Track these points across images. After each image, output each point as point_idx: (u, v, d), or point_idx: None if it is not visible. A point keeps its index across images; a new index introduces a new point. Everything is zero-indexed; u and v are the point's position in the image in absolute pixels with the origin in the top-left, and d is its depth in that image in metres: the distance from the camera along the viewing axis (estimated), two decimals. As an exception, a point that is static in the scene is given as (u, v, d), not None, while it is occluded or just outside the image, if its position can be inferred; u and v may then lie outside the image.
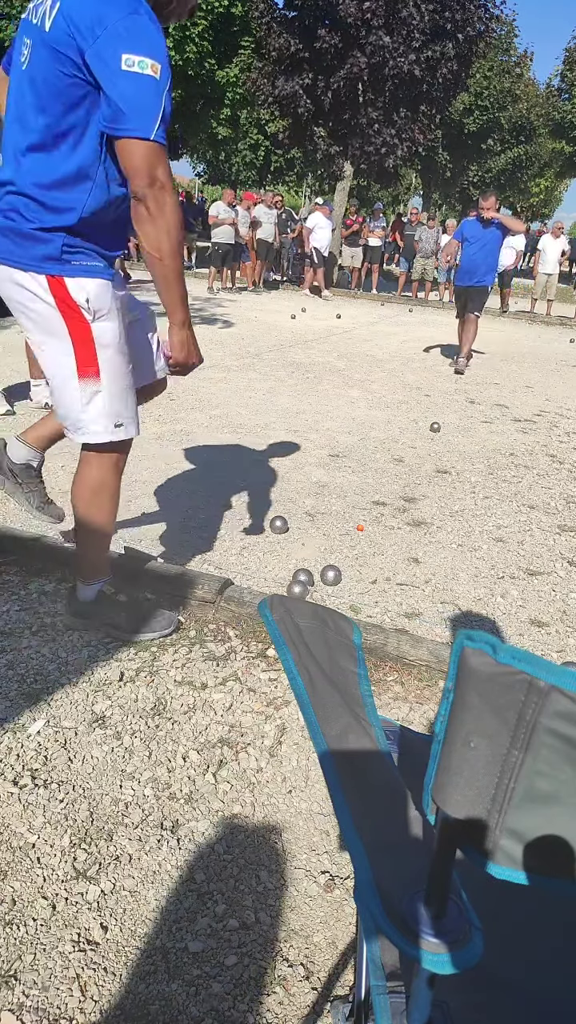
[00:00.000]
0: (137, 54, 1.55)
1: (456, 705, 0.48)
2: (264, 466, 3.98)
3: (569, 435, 5.28)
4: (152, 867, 1.42)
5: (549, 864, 0.51)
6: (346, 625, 0.72)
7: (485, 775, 0.49)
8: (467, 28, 13.36)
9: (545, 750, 0.47)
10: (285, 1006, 1.19)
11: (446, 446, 4.69)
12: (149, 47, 1.57)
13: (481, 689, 0.47)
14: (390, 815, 0.63)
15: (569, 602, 2.74)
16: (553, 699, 0.45)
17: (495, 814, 0.50)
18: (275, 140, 17.06)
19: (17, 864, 1.40)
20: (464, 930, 0.55)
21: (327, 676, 0.67)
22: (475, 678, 0.47)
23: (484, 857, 0.52)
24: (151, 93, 1.58)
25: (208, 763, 1.70)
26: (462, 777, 0.50)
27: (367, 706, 0.71)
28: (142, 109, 1.58)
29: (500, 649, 0.45)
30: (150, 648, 2.13)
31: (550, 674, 0.45)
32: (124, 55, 1.54)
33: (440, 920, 0.55)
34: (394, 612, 2.55)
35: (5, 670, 1.97)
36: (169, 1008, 1.16)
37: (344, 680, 0.70)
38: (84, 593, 2.14)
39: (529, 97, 26.98)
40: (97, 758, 1.69)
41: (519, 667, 0.45)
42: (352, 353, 7.85)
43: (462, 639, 0.47)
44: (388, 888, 0.57)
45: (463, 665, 0.47)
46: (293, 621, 0.68)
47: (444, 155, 25.95)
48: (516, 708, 0.46)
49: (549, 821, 0.50)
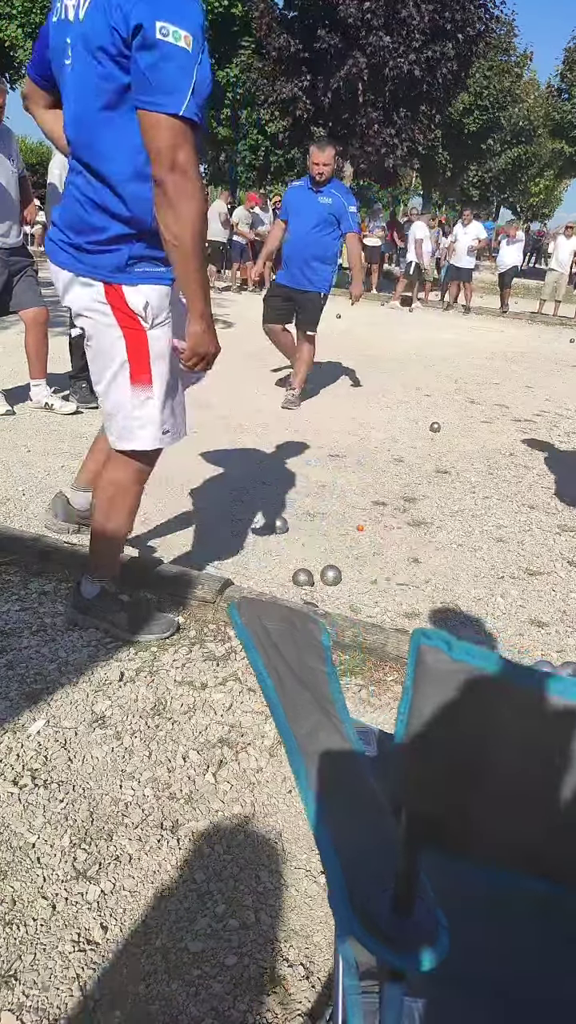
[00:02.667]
0: (171, 23, 1.46)
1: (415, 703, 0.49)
2: (264, 466, 3.98)
3: (569, 435, 5.28)
4: (152, 867, 1.42)
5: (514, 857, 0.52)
6: (315, 627, 0.73)
7: (446, 771, 0.50)
8: (467, 28, 13.37)
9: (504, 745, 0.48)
10: (285, 1006, 1.19)
11: (446, 446, 4.69)
12: (183, 16, 1.48)
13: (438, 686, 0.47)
14: (360, 813, 0.64)
15: (569, 602, 2.74)
16: (509, 693, 0.46)
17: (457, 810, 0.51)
18: (275, 140, 17.06)
19: (17, 864, 1.40)
20: (431, 928, 0.55)
21: (296, 676, 0.68)
22: (432, 675, 0.47)
23: (450, 853, 0.53)
24: (183, 66, 1.49)
25: (208, 763, 1.70)
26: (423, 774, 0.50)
27: (337, 703, 0.71)
28: (172, 82, 1.49)
29: (455, 646, 0.46)
30: (150, 648, 2.13)
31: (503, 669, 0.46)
32: (159, 22, 1.45)
33: (407, 919, 0.55)
34: (394, 612, 2.55)
35: (5, 670, 1.97)
36: (169, 1008, 1.16)
37: (314, 680, 0.70)
38: (88, 588, 2.15)
39: (529, 96, 26.99)
40: (97, 758, 1.69)
41: (473, 663, 0.46)
42: (352, 353, 7.85)
43: (418, 637, 0.47)
44: (357, 886, 0.58)
45: (420, 663, 0.47)
46: (262, 624, 0.68)
47: (444, 155, 25.95)
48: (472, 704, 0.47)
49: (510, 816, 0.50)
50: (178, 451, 4.14)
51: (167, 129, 1.52)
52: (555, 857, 0.51)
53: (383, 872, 0.57)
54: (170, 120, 1.52)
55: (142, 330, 1.84)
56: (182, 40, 1.48)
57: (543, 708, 0.46)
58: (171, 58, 1.48)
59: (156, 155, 1.55)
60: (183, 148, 1.54)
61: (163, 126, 1.52)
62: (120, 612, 2.16)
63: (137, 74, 1.51)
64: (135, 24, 1.47)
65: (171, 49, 1.48)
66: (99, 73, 1.58)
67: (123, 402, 1.90)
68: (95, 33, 1.54)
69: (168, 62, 1.49)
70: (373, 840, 0.62)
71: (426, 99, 14.23)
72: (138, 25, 1.46)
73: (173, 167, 1.54)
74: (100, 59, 1.56)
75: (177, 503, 3.32)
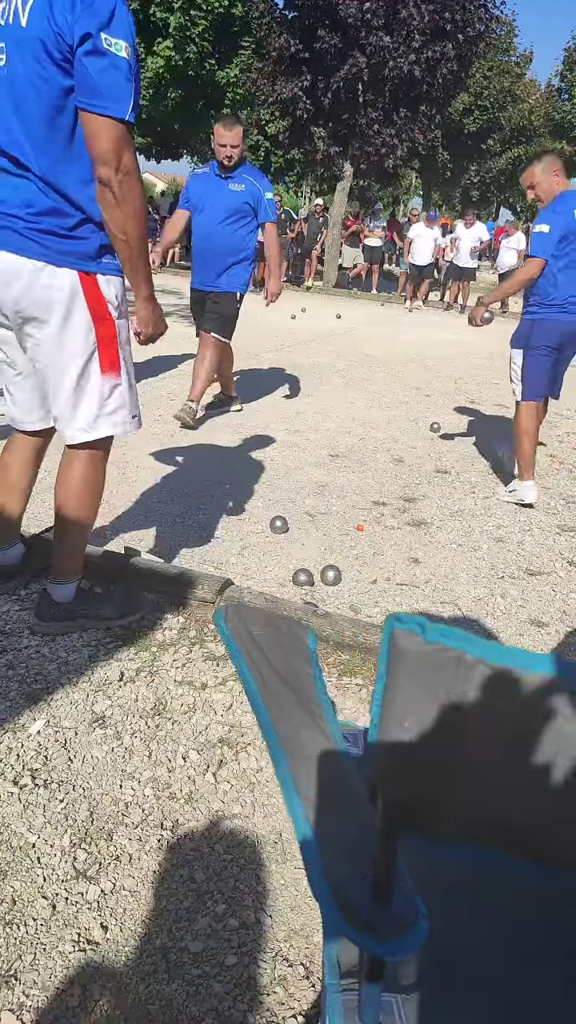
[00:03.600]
0: (115, 36, 1.60)
1: (389, 687, 0.48)
2: (264, 466, 3.98)
3: (569, 435, 5.28)
4: (152, 867, 1.42)
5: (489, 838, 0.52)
6: (301, 631, 0.73)
7: (422, 754, 0.50)
8: (467, 28, 13.36)
9: (477, 724, 0.48)
10: (285, 1006, 1.19)
11: (446, 446, 4.69)
12: (125, 29, 1.62)
13: (412, 669, 0.47)
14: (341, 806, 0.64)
15: (569, 602, 2.74)
16: (481, 672, 0.46)
17: (433, 792, 0.51)
18: (275, 141, 17.06)
19: (17, 864, 1.40)
20: (409, 916, 0.56)
21: (282, 679, 0.68)
22: (406, 658, 0.47)
23: (427, 837, 0.53)
24: (126, 75, 1.62)
25: (208, 763, 1.70)
26: (399, 759, 0.50)
27: (323, 705, 0.71)
28: (118, 89, 1.62)
29: (429, 628, 0.46)
30: (150, 648, 2.13)
31: (476, 648, 0.46)
32: (103, 34, 1.58)
33: (386, 906, 0.56)
34: (394, 612, 2.55)
35: (5, 670, 1.97)
36: (169, 1008, 1.16)
37: (299, 682, 0.70)
38: (62, 593, 2.13)
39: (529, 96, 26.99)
40: (97, 758, 1.69)
41: (448, 644, 0.46)
42: (352, 353, 7.85)
43: (392, 621, 0.47)
44: (338, 878, 0.58)
45: (394, 647, 0.47)
46: (247, 629, 0.69)
47: (444, 155, 25.94)
48: (446, 685, 0.47)
49: (486, 794, 0.50)
50: (178, 451, 4.15)
51: (113, 132, 1.64)
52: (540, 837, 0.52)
53: (363, 861, 0.57)
54: (115, 124, 1.63)
55: (112, 320, 1.89)
56: (123, 50, 1.61)
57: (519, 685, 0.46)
58: (118, 67, 1.61)
59: (102, 157, 1.65)
60: (128, 150, 1.68)
61: (111, 128, 1.64)
62: (102, 604, 2.19)
63: (85, 78, 1.61)
64: (82, 33, 1.57)
65: (116, 58, 1.60)
66: (41, 76, 1.64)
67: (91, 393, 1.92)
68: (39, 37, 1.60)
69: (116, 70, 1.61)
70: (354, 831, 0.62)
71: (426, 99, 14.22)
72: (86, 34, 1.57)
73: (118, 168, 1.66)
74: (42, 62, 1.62)
75: (177, 503, 3.32)
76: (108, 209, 1.71)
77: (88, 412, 1.94)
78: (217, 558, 2.83)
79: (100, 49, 1.58)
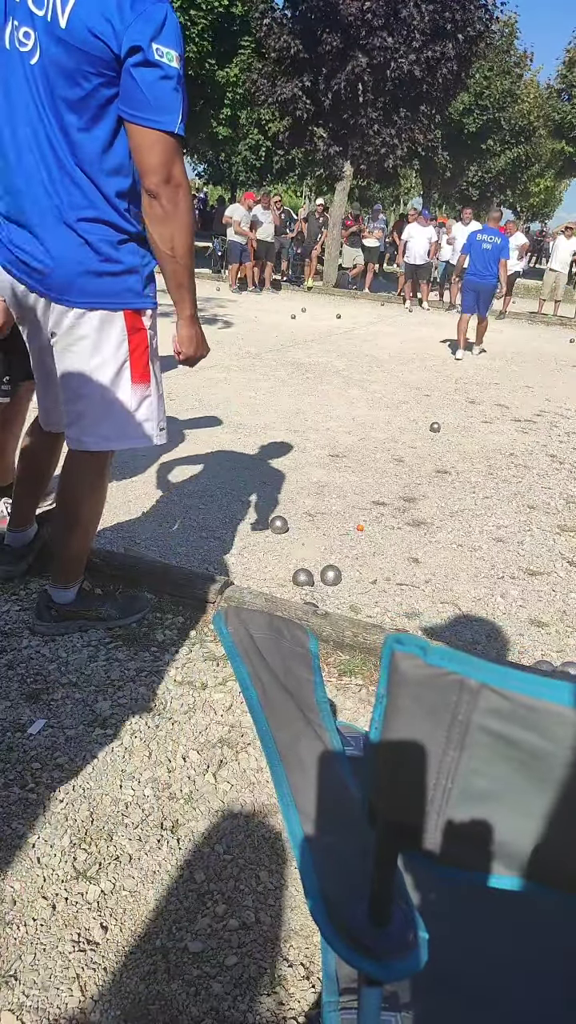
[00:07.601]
0: (166, 45, 1.54)
1: (390, 710, 0.47)
2: (264, 466, 3.98)
3: (569, 435, 5.28)
4: (152, 867, 1.42)
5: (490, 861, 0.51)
6: (302, 635, 0.72)
7: (422, 777, 0.49)
8: (467, 28, 13.35)
9: (480, 748, 0.47)
10: (285, 1006, 1.19)
11: (446, 446, 4.69)
12: (175, 38, 1.56)
13: (414, 692, 0.46)
14: (340, 820, 0.63)
15: (569, 602, 2.74)
16: (484, 697, 0.45)
17: (434, 815, 0.50)
18: (276, 141, 17.05)
19: (17, 864, 1.40)
20: (409, 937, 0.54)
21: (281, 685, 0.67)
22: (407, 682, 0.46)
23: (426, 859, 0.52)
24: (176, 86, 1.57)
25: (208, 763, 1.70)
26: (399, 781, 0.50)
27: (323, 712, 0.70)
28: (168, 101, 1.56)
29: (430, 651, 0.45)
30: (150, 648, 2.13)
31: (480, 672, 0.45)
32: (155, 44, 1.52)
33: (384, 927, 0.54)
34: (394, 612, 2.55)
35: (5, 670, 1.97)
36: (169, 1008, 1.16)
37: (299, 688, 0.69)
38: (64, 596, 2.13)
39: (529, 97, 26.97)
40: (97, 758, 1.69)
41: (450, 668, 0.45)
42: (352, 353, 7.85)
43: (391, 643, 0.46)
44: (335, 895, 0.56)
45: (394, 669, 0.46)
46: (247, 633, 0.68)
47: (444, 155, 25.91)
48: (449, 708, 0.46)
49: (487, 818, 0.50)
50: (178, 451, 4.15)
51: (164, 142, 1.59)
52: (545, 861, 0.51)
53: (361, 881, 0.56)
54: (166, 137, 1.59)
55: (144, 330, 1.88)
56: (174, 60, 1.56)
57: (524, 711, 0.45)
58: (169, 78, 1.56)
59: (151, 168, 1.61)
60: (178, 163, 1.64)
61: (161, 141, 1.59)
62: (103, 604, 2.19)
63: (133, 90, 1.56)
64: (133, 44, 1.52)
65: (168, 69, 1.55)
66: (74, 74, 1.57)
67: (119, 403, 1.89)
68: (78, 39, 1.53)
69: (167, 82, 1.56)
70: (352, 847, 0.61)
71: (426, 99, 14.21)
72: (136, 46, 1.52)
73: (169, 179, 1.62)
74: (80, 63, 1.56)
75: (176, 503, 3.32)
76: (156, 224, 1.68)
77: (108, 424, 1.91)
78: (217, 558, 2.83)
79: (152, 60, 1.52)
